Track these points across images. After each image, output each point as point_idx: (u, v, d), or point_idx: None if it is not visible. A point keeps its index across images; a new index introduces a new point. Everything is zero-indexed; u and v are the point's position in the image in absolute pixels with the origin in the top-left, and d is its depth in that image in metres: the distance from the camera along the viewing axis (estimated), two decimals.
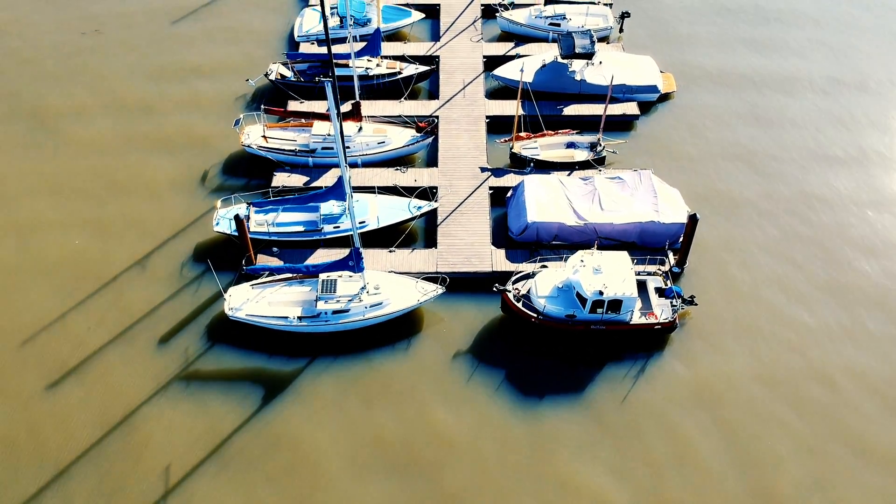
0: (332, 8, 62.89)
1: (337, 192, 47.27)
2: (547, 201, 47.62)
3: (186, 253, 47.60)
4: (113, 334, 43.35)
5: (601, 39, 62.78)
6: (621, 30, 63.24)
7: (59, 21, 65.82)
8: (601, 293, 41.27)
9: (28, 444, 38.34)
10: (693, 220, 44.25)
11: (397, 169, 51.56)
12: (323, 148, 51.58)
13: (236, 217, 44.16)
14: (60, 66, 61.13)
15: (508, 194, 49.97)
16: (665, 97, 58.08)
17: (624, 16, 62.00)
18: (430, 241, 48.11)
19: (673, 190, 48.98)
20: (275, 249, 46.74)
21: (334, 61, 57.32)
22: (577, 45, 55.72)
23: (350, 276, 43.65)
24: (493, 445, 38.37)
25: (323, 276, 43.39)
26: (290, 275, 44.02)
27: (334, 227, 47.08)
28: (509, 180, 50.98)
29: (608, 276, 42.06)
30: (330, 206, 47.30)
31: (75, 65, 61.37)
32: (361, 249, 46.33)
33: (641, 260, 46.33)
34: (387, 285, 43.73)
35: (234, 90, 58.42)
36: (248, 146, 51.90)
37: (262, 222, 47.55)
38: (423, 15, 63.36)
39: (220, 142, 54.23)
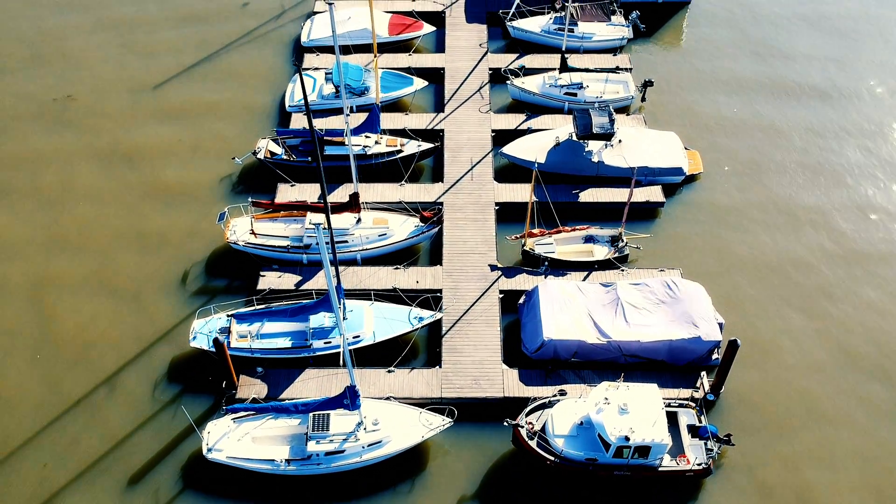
0: (326, 74, 57.75)
1: (327, 304, 42.53)
2: (565, 314, 42.55)
3: (160, 369, 42.51)
4: (74, 473, 38.26)
5: (621, 110, 57.59)
6: (643, 99, 58.06)
7: (30, 93, 60.45)
8: (627, 438, 36.23)
9: None
10: (733, 346, 39.19)
11: (397, 268, 46.50)
12: (318, 243, 46.54)
13: (216, 341, 39.15)
14: (37, 138, 56.02)
15: (521, 300, 44.89)
16: (691, 178, 52.98)
17: (647, 84, 56.80)
18: (434, 358, 43.07)
19: (704, 296, 43.91)
20: (259, 370, 41.67)
21: (328, 139, 52.30)
22: (595, 124, 50.62)
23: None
24: None
25: None
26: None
27: (325, 343, 42.03)
28: (522, 282, 45.91)
29: (635, 416, 36.97)
30: (320, 319, 42.23)
31: (42, 142, 56.22)
32: (356, 370, 41.46)
33: (670, 380, 41.32)
34: (387, 419, 38.63)
35: (220, 170, 53.15)
36: (235, 243, 46.83)
37: (244, 334, 42.54)
38: (426, 83, 58.12)
39: (203, 236, 48.91)
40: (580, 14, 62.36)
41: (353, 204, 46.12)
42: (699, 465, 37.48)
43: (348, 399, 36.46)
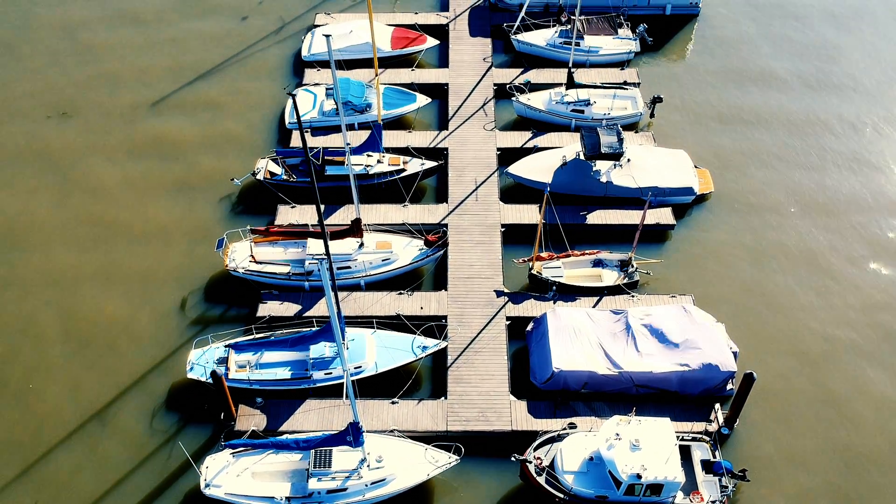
0: (327, 90, 56.42)
1: (328, 334, 41.27)
2: (574, 344, 41.23)
3: (157, 401, 41.22)
4: None
5: (629, 126, 56.25)
6: (652, 115, 56.70)
7: (24, 107, 59.21)
8: (639, 476, 34.93)
9: None
10: (749, 380, 37.85)
11: (401, 293, 45.18)
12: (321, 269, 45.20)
13: (213, 374, 37.87)
14: (20, 160, 54.77)
15: (529, 327, 43.57)
16: (702, 198, 51.64)
17: (656, 101, 55.44)
18: (439, 388, 41.76)
19: (717, 325, 42.61)
20: (258, 401, 40.38)
21: (328, 158, 50.98)
22: (603, 143, 49.30)
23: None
24: None
25: None
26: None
27: (325, 374, 40.71)
28: (529, 308, 44.60)
29: (647, 452, 35.66)
30: (321, 349, 40.90)
31: (38, 158, 54.96)
32: (358, 401, 40.17)
33: (683, 412, 40.01)
34: (391, 456, 37.27)
35: (219, 191, 51.84)
36: (234, 270, 45.51)
37: (243, 364, 41.25)
38: (430, 99, 56.72)
39: (201, 261, 47.56)
40: (586, 27, 61.03)
41: (355, 230, 44.79)
42: (713, 502, 36.16)
43: (351, 436, 35.19)
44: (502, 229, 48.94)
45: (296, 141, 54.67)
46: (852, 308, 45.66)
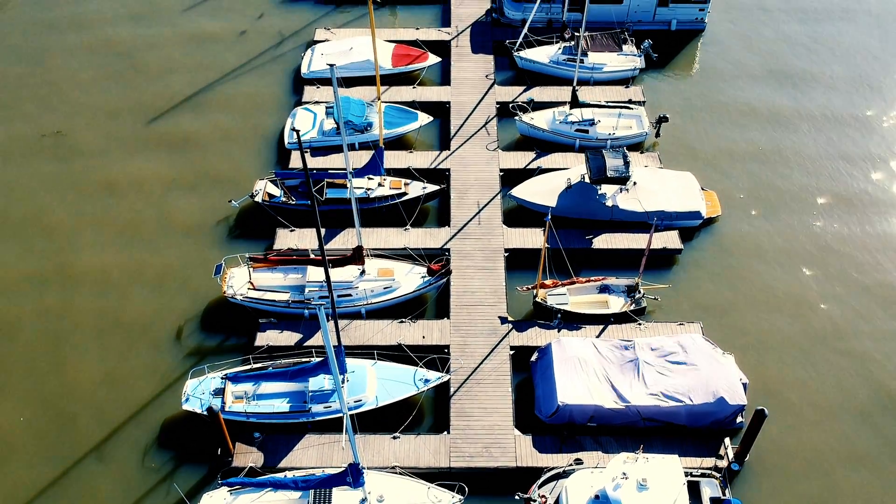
0: (327, 109, 55.36)
1: (327, 367, 40.26)
2: (580, 376, 40.17)
3: (151, 435, 40.13)
4: None
5: (634, 146, 55.19)
6: (657, 134, 55.64)
7: (17, 133, 58.13)
8: None
9: None
10: (760, 416, 36.79)
11: (402, 321, 44.15)
12: (321, 297, 44.24)
13: (209, 410, 36.83)
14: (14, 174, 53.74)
15: (533, 357, 42.53)
16: (709, 221, 50.60)
17: (661, 120, 54.40)
18: (442, 421, 40.71)
19: (726, 356, 41.58)
20: (256, 436, 39.32)
21: (329, 181, 50.02)
22: (609, 167, 48.26)
23: None
24: None
25: None
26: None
27: (325, 408, 39.65)
28: (534, 336, 43.56)
29: (655, 492, 34.57)
30: (320, 382, 39.83)
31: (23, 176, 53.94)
32: (357, 436, 39.12)
33: (692, 446, 38.97)
34: (392, 496, 36.18)
35: (216, 213, 50.78)
36: (232, 297, 44.46)
37: (240, 395, 40.21)
38: (431, 118, 55.64)
39: (198, 287, 46.51)
40: (590, 44, 59.97)
41: (356, 257, 43.74)
42: None
43: (350, 477, 34.11)
44: (506, 254, 47.94)
45: (295, 161, 53.58)
46: (869, 337, 44.59)
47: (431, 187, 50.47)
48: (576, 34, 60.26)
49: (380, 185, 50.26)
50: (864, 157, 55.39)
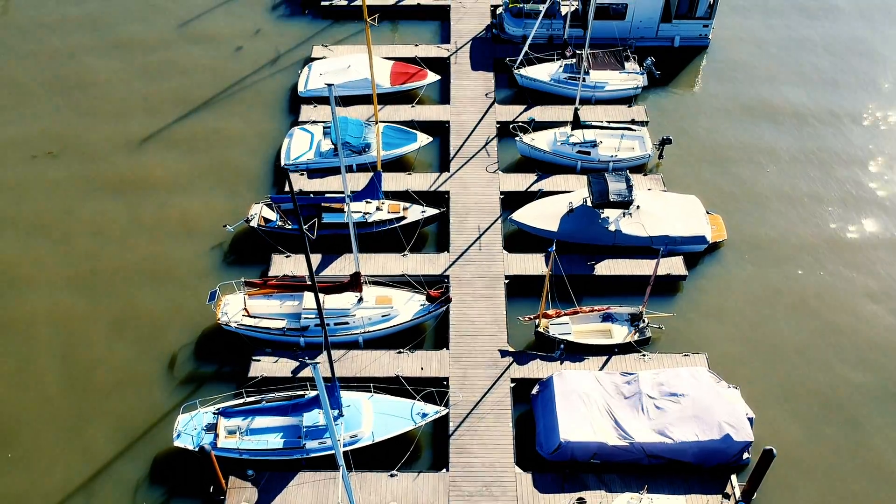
0: (325, 129, 54.22)
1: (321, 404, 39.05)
2: (582, 411, 39.04)
3: (142, 472, 38.97)
4: None
5: (637, 168, 54.06)
6: (660, 156, 54.52)
7: (14, 146, 56.99)
8: None
9: None
10: (768, 456, 35.64)
11: (400, 352, 43.03)
12: (316, 325, 43.14)
13: (201, 449, 35.68)
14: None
15: (534, 391, 41.39)
16: (715, 246, 49.50)
17: (665, 142, 53.30)
18: (441, 458, 39.55)
19: (732, 390, 40.43)
20: (250, 473, 38.16)
21: (325, 206, 48.92)
22: (612, 191, 47.17)
23: None
24: None
25: None
26: None
27: (320, 444, 38.51)
28: (535, 369, 42.42)
29: None
30: (315, 417, 38.72)
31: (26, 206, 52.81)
32: (354, 475, 37.97)
33: (697, 483, 37.82)
34: None
35: (210, 239, 49.60)
36: (227, 324, 43.35)
37: (233, 429, 39.09)
38: (430, 139, 54.52)
39: (191, 315, 45.38)
40: (592, 62, 58.88)
41: (353, 284, 42.64)
42: None
43: None
44: (506, 281, 46.83)
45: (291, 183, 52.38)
46: (883, 368, 43.49)
47: (431, 211, 49.37)
48: (577, 52, 59.16)
49: (378, 209, 49.17)
50: (875, 193, 54.39)
